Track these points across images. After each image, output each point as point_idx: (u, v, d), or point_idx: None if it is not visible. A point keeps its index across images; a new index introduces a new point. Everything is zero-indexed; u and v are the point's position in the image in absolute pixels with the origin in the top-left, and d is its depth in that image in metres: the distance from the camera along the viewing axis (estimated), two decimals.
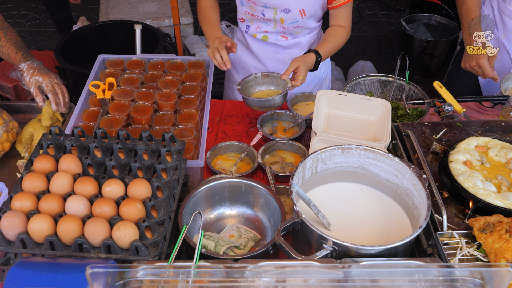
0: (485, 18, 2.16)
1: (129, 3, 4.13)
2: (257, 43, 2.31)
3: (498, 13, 2.27)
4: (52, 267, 1.25)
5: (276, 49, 2.30)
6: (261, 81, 2.09)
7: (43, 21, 5.23)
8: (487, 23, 2.17)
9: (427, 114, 2.10)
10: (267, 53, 2.33)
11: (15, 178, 1.90)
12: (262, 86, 2.11)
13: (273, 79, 2.09)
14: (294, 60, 1.98)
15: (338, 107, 1.87)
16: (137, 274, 1.14)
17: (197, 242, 1.32)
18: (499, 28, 2.28)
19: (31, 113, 2.22)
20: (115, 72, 2.14)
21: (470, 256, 1.35)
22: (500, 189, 1.50)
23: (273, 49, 2.30)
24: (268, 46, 2.30)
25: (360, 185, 1.61)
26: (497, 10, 2.27)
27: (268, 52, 2.32)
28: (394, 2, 5.69)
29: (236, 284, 1.15)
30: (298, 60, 1.98)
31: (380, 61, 4.79)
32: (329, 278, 1.18)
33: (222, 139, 2.07)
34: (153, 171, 1.52)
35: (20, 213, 1.32)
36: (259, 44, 2.31)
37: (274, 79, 2.08)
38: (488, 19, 2.16)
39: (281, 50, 2.30)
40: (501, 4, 2.25)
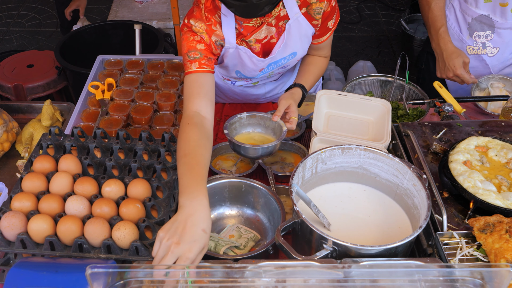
0: (485, 18, 2.16)
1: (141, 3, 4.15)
2: (242, 89, 2.18)
3: (461, 13, 2.24)
4: (52, 267, 1.25)
5: (265, 86, 2.19)
6: (246, 122, 1.84)
7: (43, 21, 5.23)
8: (486, 23, 2.17)
9: (427, 114, 2.10)
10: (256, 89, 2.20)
11: (15, 178, 1.90)
12: (248, 128, 1.85)
13: (260, 120, 1.84)
14: (284, 99, 1.77)
15: (338, 107, 1.87)
16: (137, 274, 1.14)
17: None
18: (463, 29, 2.25)
19: (31, 113, 2.23)
20: (114, 72, 2.14)
21: (470, 256, 1.35)
22: (500, 189, 1.50)
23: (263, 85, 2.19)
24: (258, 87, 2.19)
25: (360, 185, 1.61)
26: (460, 11, 2.25)
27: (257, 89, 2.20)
28: (394, 2, 5.70)
29: (236, 284, 1.15)
30: (288, 98, 1.77)
31: (380, 61, 4.79)
32: (329, 278, 1.18)
33: (222, 139, 2.07)
34: (153, 171, 1.52)
35: (20, 214, 1.32)
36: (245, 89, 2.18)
37: (262, 120, 1.83)
38: (487, 19, 2.16)
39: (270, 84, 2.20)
40: (463, 4, 2.21)
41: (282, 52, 1.85)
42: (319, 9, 1.75)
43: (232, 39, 1.74)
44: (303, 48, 1.90)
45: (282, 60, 1.89)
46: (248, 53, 1.80)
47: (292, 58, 1.91)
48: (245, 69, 1.89)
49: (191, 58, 1.66)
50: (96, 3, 5.43)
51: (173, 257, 1.21)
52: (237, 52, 1.80)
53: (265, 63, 1.85)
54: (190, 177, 1.36)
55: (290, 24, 1.76)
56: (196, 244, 1.23)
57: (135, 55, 2.36)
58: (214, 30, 1.70)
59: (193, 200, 1.30)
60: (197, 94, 1.62)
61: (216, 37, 1.72)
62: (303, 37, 1.83)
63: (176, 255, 1.21)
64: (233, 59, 1.84)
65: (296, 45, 1.85)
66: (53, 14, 4.95)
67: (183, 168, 1.39)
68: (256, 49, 1.81)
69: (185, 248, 1.21)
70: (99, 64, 2.20)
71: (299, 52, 1.90)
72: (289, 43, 1.82)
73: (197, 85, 1.64)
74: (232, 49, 1.78)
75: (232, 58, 1.83)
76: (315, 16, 1.77)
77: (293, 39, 1.81)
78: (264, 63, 1.85)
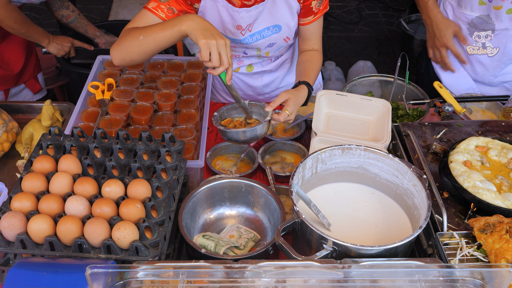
0: (485, 17, 2.16)
1: (141, 3, 4.15)
2: (240, 76, 2.20)
3: (454, 19, 2.24)
4: (51, 268, 1.25)
5: (263, 74, 2.19)
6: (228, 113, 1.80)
7: (43, 21, 5.23)
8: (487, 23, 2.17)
9: (427, 114, 2.09)
10: (253, 80, 2.21)
11: (14, 178, 1.90)
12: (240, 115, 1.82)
13: (253, 108, 1.79)
14: (285, 92, 1.73)
15: (338, 107, 1.87)
16: (137, 275, 1.14)
17: None
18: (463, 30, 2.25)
19: (31, 113, 2.22)
20: (114, 72, 2.14)
21: (470, 256, 1.35)
22: (500, 189, 1.50)
23: (260, 76, 2.20)
24: (255, 78, 2.19)
25: (360, 185, 1.61)
26: (453, 16, 2.25)
27: (254, 80, 2.21)
28: (394, 2, 5.70)
29: (236, 284, 1.15)
30: (289, 93, 1.73)
31: (380, 61, 4.79)
32: (329, 278, 1.18)
33: (222, 139, 2.07)
34: (153, 171, 1.51)
35: (19, 214, 1.32)
36: (243, 76, 2.20)
37: (256, 108, 1.78)
38: (488, 19, 2.16)
39: (267, 75, 2.21)
40: (456, 10, 2.21)
41: (265, 17, 1.85)
42: None
43: None
44: (288, 25, 1.90)
45: (265, 30, 1.89)
46: (225, 5, 1.81)
47: (277, 33, 1.92)
48: (226, 27, 1.89)
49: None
50: (96, 3, 5.43)
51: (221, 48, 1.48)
52: (215, 7, 1.82)
53: (244, 15, 1.85)
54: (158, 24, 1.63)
55: None
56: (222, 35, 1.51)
57: None
58: None
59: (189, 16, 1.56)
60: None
61: None
62: (289, 10, 1.84)
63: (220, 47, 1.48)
64: (213, 15, 1.85)
65: (281, 17, 1.85)
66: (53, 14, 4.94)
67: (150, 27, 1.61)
68: (236, 3, 1.82)
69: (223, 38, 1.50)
70: (99, 64, 2.19)
71: (283, 27, 1.90)
72: (273, 12, 1.84)
73: (144, 22, 1.71)
74: (211, 1, 1.80)
75: (211, 15, 1.85)
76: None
77: (278, 9, 1.83)
78: (242, 15, 1.85)
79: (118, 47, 1.67)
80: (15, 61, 2.72)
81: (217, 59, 1.49)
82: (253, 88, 2.23)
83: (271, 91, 2.26)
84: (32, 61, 2.84)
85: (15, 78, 2.75)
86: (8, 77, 2.71)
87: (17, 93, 2.83)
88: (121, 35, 1.69)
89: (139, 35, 1.61)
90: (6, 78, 2.70)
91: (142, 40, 1.59)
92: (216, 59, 1.49)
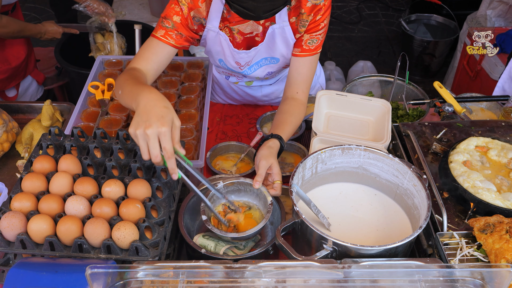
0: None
1: (141, 3, 4.15)
2: (239, 88, 2.20)
3: None
4: (51, 268, 1.25)
5: (262, 87, 2.19)
6: (225, 191, 1.53)
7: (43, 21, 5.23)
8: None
9: (427, 114, 2.10)
10: (252, 91, 2.21)
11: (14, 178, 1.90)
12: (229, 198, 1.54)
13: (239, 186, 1.55)
14: (263, 158, 1.52)
15: (338, 107, 1.87)
16: (137, 275, 1.14)
17: None
18: None
19: (31, 113, 2.22)
20: (114, 72, 2.14)
21: (470, 256, 1.35)
22: (500, 189, 1.50)
23: (259, 88, 2.19)
24: (254, 90, 2.19)
25: (360, 185, 1.61)
26: None
27: (253, 91, 2.21)
28: (394, 2, 5.70)
29: (236, 284, 1.15)
30: (268, 157, 1.53)
31: (380, 61, 4.79)
32: (329, 278, 1.18)
33: (222, 140, 2.07)
34: (153, 171, 1.52)
35: (19, 214, 1.32)
36: (242, 87, 2.19)
37: (242, 186, 1.55)
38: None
39: (266, 87, 2.20)
40: None
41: (263, 53, 1.85)
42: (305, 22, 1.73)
43: (216, 22, 1.74)
44: (285, 57, 1.88)
45: (263, 60, 1.89)
46: (227, 41, 1.80)
47: (275, 63, 1.92)
48: (226, 58, 1.89)
49: (162, 25, 1.68)
50: None
51: (153, 140, 1.24)
52: (218, 38, 1.80)
53: (240, 56, 1.85)
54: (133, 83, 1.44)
55: (274, 28, 1.75)
56: (165, 118, 1.25)
57: None
58: (198, 6, 1.69)
59: (142, 92, 1.34)
60: (147, 58, 1.66)
61: (197, 13, 1.70)
62: (284, 44, 1.82)
63: (154, 137, 1.23)
64: (215, 44, 1.84)
65: (279, 51, 1.84)
66: (53, 14, 4.94)
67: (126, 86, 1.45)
68: (237, 40, 1.81)
69: (157, 125, 1.23)
70: (99, 64, 2.19)
71: (281, 59, 1.89)
72: (272, 46, 1.82)
73: (152, 52, 1.67)
74: (214, 32, 1.78)
75: (213, 44, 1.84)
76: (299, 29, 1.75)
77: (277, 44, 1.81)
78: (240, 56, 1.85)
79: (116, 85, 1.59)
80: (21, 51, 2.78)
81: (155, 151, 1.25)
82: (252, 96, 2.24)
83: (270, 99, 2.26)
84: (31, 49, 2.91)
85: (23, 70, 2.79)
86: (18, 70, 2.75)
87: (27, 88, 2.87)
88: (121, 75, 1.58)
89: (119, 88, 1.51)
90: (16, 73, 2.74)
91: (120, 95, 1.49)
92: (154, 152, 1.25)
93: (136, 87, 1.41)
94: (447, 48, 4.40)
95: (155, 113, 1.26)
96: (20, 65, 2.78)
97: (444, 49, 4.40)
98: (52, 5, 4.70)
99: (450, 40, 4.32)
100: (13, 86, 2.81)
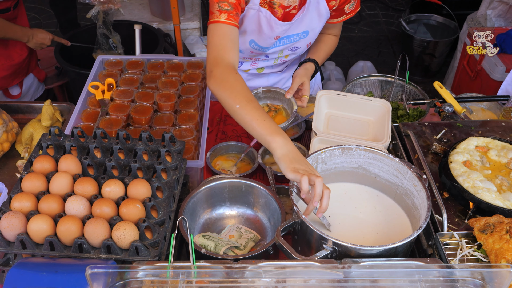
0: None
1: (141, 3, 4.15)
2: (247, 75, 2.20)
3: None
4: (51, 268, 1.25)
5: (270, 74, 2.21)
6: (263, 96, 1.97)
7: (43, 21, 5.23)
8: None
9: (427, 114, 2.09)
10: (259, 79, 2.22)
11: (14, 179, 1.90)
12: (266, 101, 2.01)
13: (275, 94, 1.98)
14: (298, 76, 1.88)
15: (338, 107, 1.87)
16: (137, 275, 1.14)
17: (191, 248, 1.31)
18: None
19: (31, 113, 2.22)
20: (114, 72, 2.13)
21: (470, 256, 1.35)
22: (501, 189, 1.50)
23: (266, 76, 2.20)
24: (261, 77, 2.20)
25: (360, 186, 1.61)
26: None
27: (259, 80, 2.22)
28: (394, 2, 5.70)
29: (236, 284, 1.15)
30: (302, 76, 1.87)
31: (380, 61, 4.79)
32: (329, 278, 1.18)
33: (222, 140, 2.07)
34: (153, 172, 1.51)
35: (19, 214, 1.32)
36: (250, 76, 2.20)
37: (277, 94, 1.97)
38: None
39: (273, 75, 2.21)
40: None
41: (297, 25, 1.88)
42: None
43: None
44: (315, 30, 1.94)
45: (294, 36, 1.93)
46: (268, 16, 1.81)
47: (303, 38, 1.95)
48: (261, 36, 1.89)
49: (221, 8, 1.65)
50: None
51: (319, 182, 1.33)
52: (257, 15, 1.81)
53: (283, 28, 1.86)
54: (270, 122, 1.47)
55: (311, 0, 1.81)
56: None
57: (135, 55, 2.35)
58: None
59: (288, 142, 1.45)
60: (231, 48, 1.65)
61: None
62: (318, 17, 1.88)
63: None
64: (252, 23, 1.85)
65: (311, 24, 1.89)
66: (53, 14, 4.94)
67: (257, 113, 1.48)
68: (277, 14, 1.83)
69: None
70: (99, 64, 2.19)
71: (311, 33, 1.94)
72: (305, 19, 1.87)
73: (230, 39, 1.65)
74: (254, 10, 1.80)
75: (250, 22, 1.85)
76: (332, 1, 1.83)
77: (309, 16, 1.86)
78: (282, 28, 1.86)
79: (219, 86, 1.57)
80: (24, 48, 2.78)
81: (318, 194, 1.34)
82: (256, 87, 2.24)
83: None
84: None
85: (25, 68, 2.79)
86: (21, 68, 2.75)
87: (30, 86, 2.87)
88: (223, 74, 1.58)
89: (238, 101, 1.51)
90: (19, 70, 2.75)
91: (237, 109, 1.51)
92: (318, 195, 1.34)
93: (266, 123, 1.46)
94: (447, 48, 4.40)
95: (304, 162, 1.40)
96: (23, 62, 2.78)
97: (444, 49, 4.40)
98: (52, 5, 4.70)
99: (450, 40, 4.32)
100: (16, 84, 2.81)
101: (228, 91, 1.54)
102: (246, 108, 1.49)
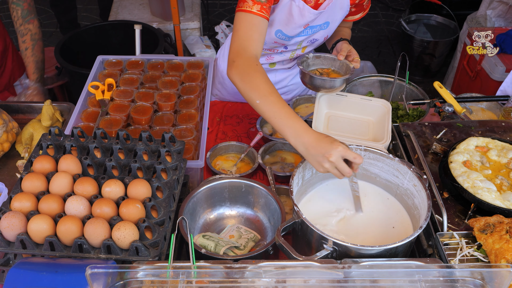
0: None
1: (141, 3, 4.15)
2: None
3: None
4: (52, 268, 1.25)
5: (277, 72, 2.20)
6: (312, 62, 1.97)
7: (43, 21, 5.23)
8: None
9: (427, 115, 2.09)
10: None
11: (14, 179, 1.90)
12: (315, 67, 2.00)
13: (324, 60, 1.96)
14: (345, 43, 1.92)
15: (338, 107, 1.87)
16: (137, 275, 1.14)
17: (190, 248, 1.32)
18: None
19: (31, 113, 2.22)
20: (114, 72, 2.13)
21: (470, 256, 1.35)
22: (501, 189, 1.50)
23: (274, 72, 2.20)
24: (270, 72, 2.18)
25: (360, 186, 1.61)
26: None
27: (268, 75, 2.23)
28: (394, 2, 5.70)
29: (236, 284, 1.15)
30: (348, 44, 1.93)
31: (380, 61, 4.79)
32: (329, 278, 1.18)
33: (222, 140, 2.07)
34: (153, 172, 1.51)
35: (19, 214, 1.32)
36: None
37: (325, 60, 1.96)
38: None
39: (281, 72, 2.21)
40: None
41: (323, 15, 1.90)
42: None
43: None
44: (334, 23, 1.97)
45: (317, 26, 1.95)
46: (301, 5, 1.81)
47: (323, 29, 1.97)
48: (290, 25, 1.89)
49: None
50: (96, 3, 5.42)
51: None
52: (289, 5, 1.81)
53: (314, 17, 1.87)
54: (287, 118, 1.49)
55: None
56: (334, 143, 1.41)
57: (135, 55, 2.35)
58: None
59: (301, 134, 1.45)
60: (257, 40, 1.65)
61: None
62: (340, 10, 1.92)
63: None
64: (282, 13, 1.84)
65: (333, 15, 1.92)
66: (53, 14, 4.94)
67: (279, 105, 1.50)
68: (311, 3, 1.84)
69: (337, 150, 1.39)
70: (99, 64, 2.19)
71: (331, 24, 1.96)
72: (328, 10, 1.88)
73: (258, 31, 1.66)
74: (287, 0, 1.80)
75: (281, 12, 1.84)
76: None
77: (335, 7, 1.89)
78: (314, 17, 1.87)
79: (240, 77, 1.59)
80: None
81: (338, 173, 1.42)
82: None
83: (278, 88, 2.26)
84: None
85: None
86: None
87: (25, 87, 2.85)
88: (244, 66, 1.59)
89: (258, 96, 1.53)
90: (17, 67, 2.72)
91: (257, 105, 1.54)
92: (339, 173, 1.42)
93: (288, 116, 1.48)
94: (447, 48, 4.40)
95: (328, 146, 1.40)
96: None
97: (444, 49, 4.40)
98: (52, 5, 4.70)
99: (450, 40, 4.32)
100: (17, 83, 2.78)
101: (249, 84, 1.55)
102: (265, 103, 1.52)
